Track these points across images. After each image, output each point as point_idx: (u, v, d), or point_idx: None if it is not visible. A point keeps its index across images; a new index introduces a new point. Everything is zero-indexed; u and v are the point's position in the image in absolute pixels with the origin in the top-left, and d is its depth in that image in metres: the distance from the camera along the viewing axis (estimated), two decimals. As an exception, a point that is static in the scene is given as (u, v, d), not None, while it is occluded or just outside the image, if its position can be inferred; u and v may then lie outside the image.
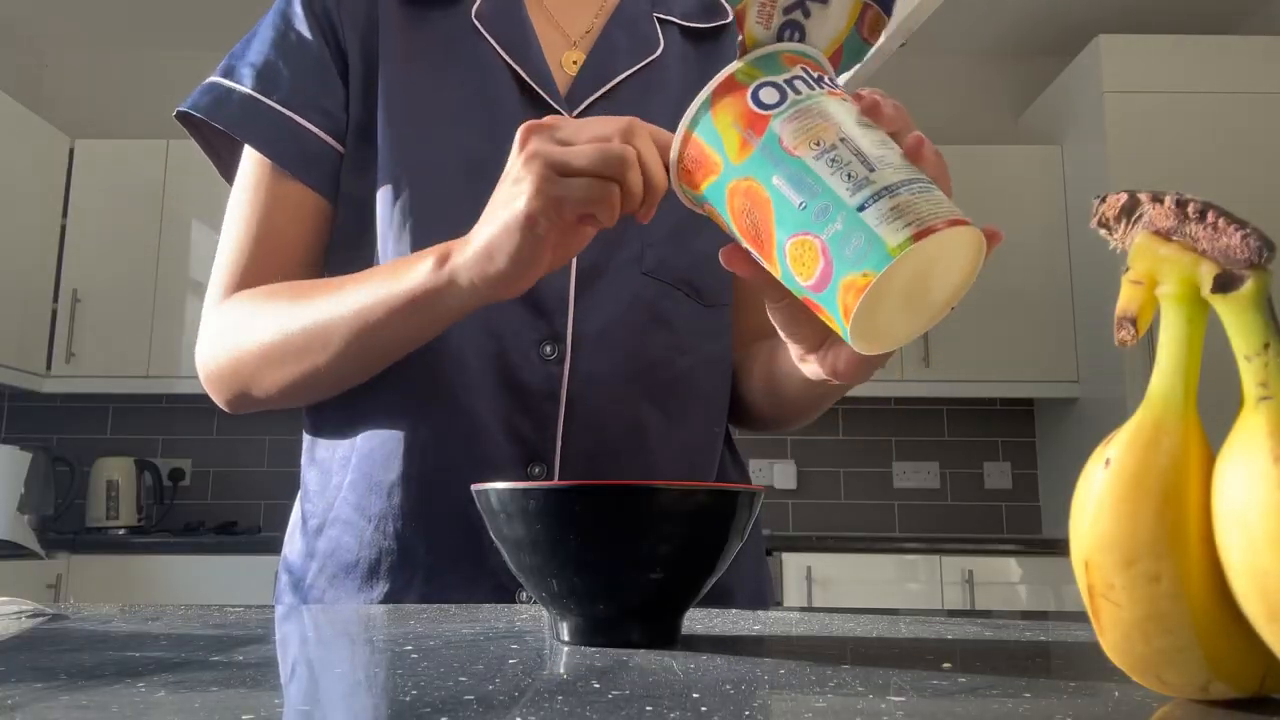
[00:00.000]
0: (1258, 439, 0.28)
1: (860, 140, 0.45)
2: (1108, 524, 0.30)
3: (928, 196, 0.43)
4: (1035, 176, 3.45)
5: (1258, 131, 3.11)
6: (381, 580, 0.72)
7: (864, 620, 0.55)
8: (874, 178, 0.43)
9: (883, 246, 0.42)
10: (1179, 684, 0.30)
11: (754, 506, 0.45)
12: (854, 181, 0.43)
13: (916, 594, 2.91)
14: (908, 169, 0.44)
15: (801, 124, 0.46)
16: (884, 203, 0.43)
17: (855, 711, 0.30)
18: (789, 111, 0.46)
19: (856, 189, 0.43)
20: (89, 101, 3.78)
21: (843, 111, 0.46)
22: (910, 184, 0.43)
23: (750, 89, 0.47)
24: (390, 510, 0.72)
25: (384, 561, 0.72)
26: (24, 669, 0.36)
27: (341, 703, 0.32)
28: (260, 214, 0.75)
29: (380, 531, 0.72)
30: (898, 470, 3.62)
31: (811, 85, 0.47)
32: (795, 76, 0.47)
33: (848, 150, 0.44)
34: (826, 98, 0.47)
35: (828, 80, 0.48)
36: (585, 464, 0.72)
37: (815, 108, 0.46)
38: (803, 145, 0.45)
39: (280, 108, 0.74)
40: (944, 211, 0.43)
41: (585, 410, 0.72)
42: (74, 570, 2.87)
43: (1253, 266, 0.29)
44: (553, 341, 0.72)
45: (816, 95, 0.46)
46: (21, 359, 3.18)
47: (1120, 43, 3.20)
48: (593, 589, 0.43)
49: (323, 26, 0.77)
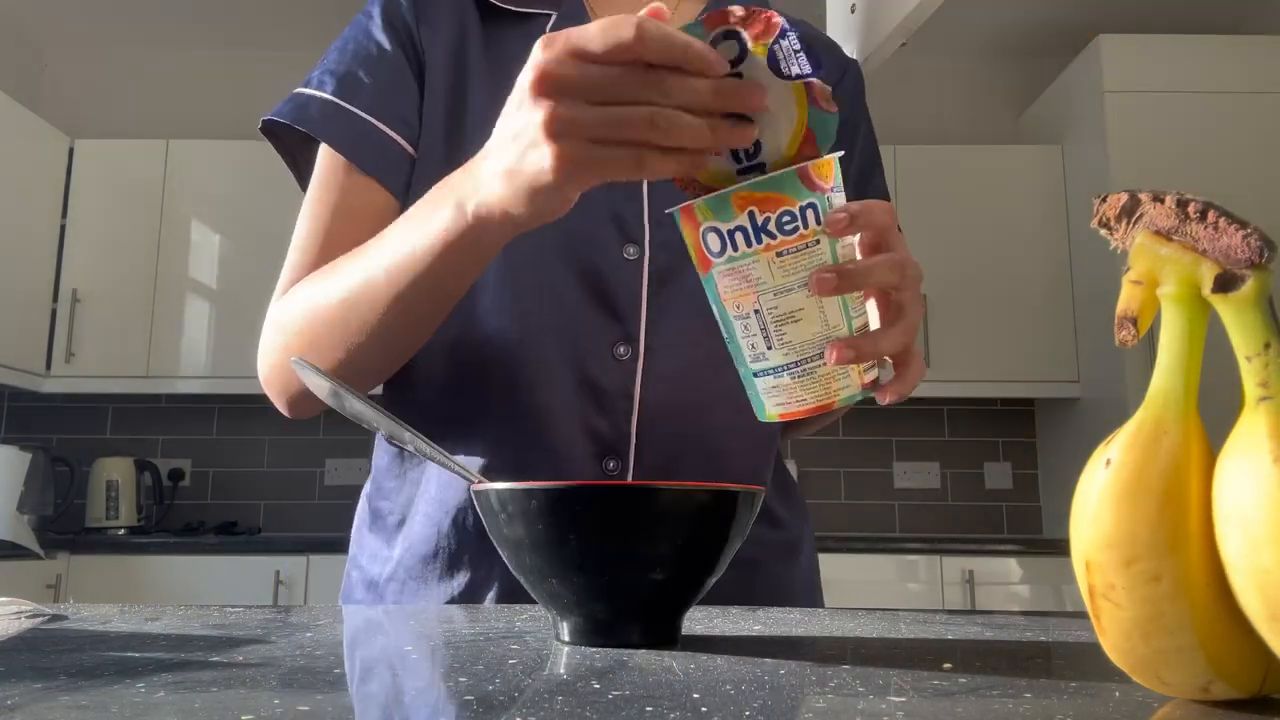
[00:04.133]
0: (1258, 439, 0.28)
1: (771, 314, 0.50)
2: (1108, 524, 0.30)
3: (805, 381, 0.51)
4: (1035, 176, 3.45)
5: (1258, 131, 3.11)
6: (462, 571, 0.74)
7: (864, 620, 0.55)
8: (769, 356, 0.51)
9: (763, 409, 0.53)
10: (1179, 684, 0.30)
11: (754, 506, 0.45)
12: (755, 352, 0.51)
13: (917, 594, 2.91)
14: (800, 349, 0.50)
15: (730, 283, 0.50)
16: (769, 380, 0.52)
17: (855, 711, 0.30)
18: (724, 266, 0.50)
19: (755, 359, 0.52)
20: (89, 101, 3.78)
21: (767, 276, 0.50)
22: (796, 366, 0.51)
23: (702, 228, 0.50)
24: (469, 502, 0.74)
25: (464, 553, 0.74)
26: (24, 669, 0.36)
27: (342, 703, 0.32)
28: (330, 214, 0.76)
29: (458, 524, 0.75)
30: (898, 470, 3.62)
31: (750, 240, 0.49)
32: (738, 228, 0.49)
33: (757, 323, 0.51)
34: (758, 258, 0.49)
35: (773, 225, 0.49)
36: (658, 460, 0.74)
37: (743, 270, 0.50)
38: (729, 302, 0.51)
39: (360, 113, 0.77)
40: (813, 397, 0.51)
41: (658, 408, 0.75)
42: (74, 570, 2.87)
43: (1253, 266, 0.29)
44: (626, 342, 0.75)
45: (749, 255, 0.49)
46: (21, 359, 3.18)
47: (1120, 43, 3.20)
48: (593, 589, 0.43)
49: (401, 38, 0.79)
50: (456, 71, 0.79)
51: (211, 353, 3.32)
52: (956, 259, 3.37)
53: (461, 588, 0.74)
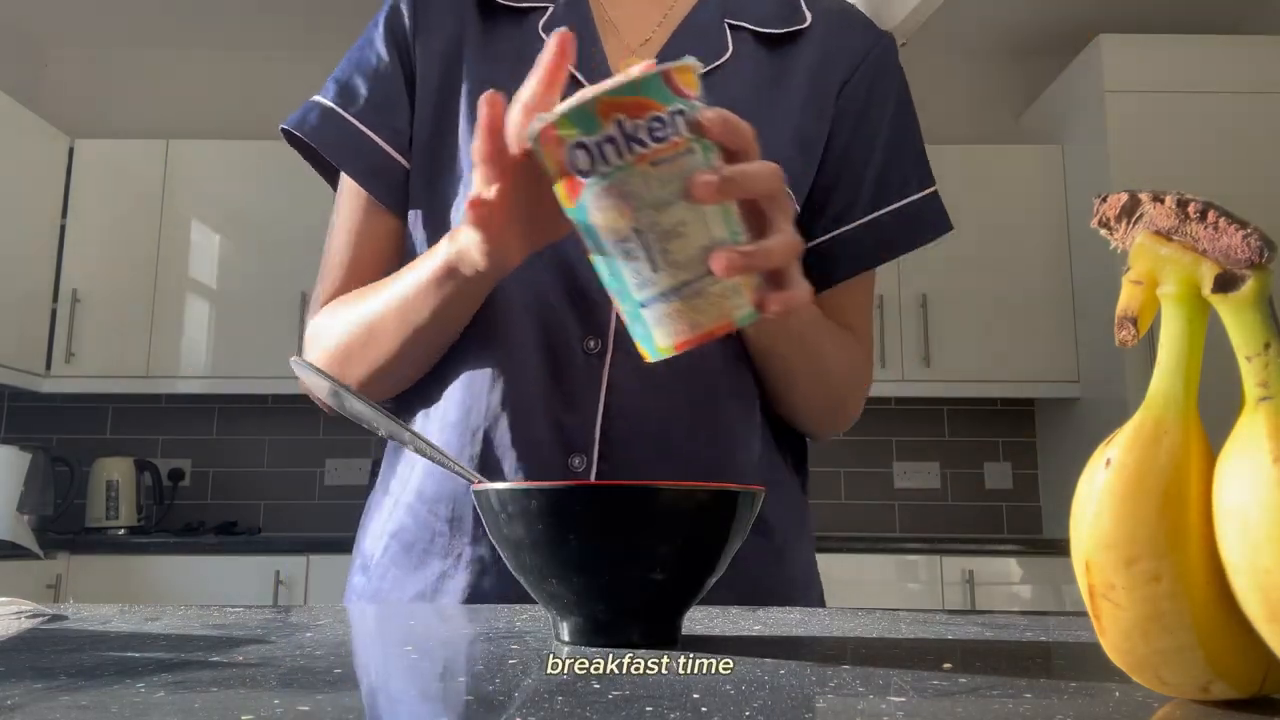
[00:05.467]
0: (1258, 439, 0.28)
1: (654, 232, 0.47)
2: (1108, 524, 0.30)
3: (698, 303, 0.48)
4: (1035, 176, 3.45)
5: (1258, 131, 3.11)
6: (435, 560, 0.75)
7: (864, 620, 0.55)
8: (656, 279, 0.47)
9: (653, 343, 0.49)
10: (1179, 684, 0.30)
11: (754, 506, 0.45)
12: (640, 279, 0.48)
13: (917, 594, 2.91)
14: (688, 265, 0.47)
15: (605, 204, 0.47)
16: (659, 307, 0.48)
17: (855, 711, 0.30)
18: (596, 186, 0.47)
19: (641, 286, 0.48)
20: (89, 101, 3.78)
21: (644, 188, 0.46)
22: (686, 287, 0.47)
23: (566, 146, 0.47)
24: (442, 494, 0.76)
25: (436, 543, 0.75)
26: (24, 669, 0.36)
27: (342, 703, 0.32)
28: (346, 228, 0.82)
29: (433, 514, 0.76)
30: (898, 470, 3.62)
31: (621, 151, 0.46)
32: (606, 139, 0.46)
33: (640, 245, 0.47)
34: (631, 170, 0.46)
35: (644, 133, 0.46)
36: (623, 458, 0.74)
37: (617, 186, 0.46)
38: (606, 229, 0.47)
39: (354, 120, 0.80)
40: (708, 320, 0.48)
41: (624, 405, 0.74)
42: (74, 570, 2.87)
43: (1253, 266, 0.29)
44: (596, 336, 0.74)
45: (622, 168, 0.46)
46: (21, 359, 3.18)
47: (1120, 43, 3.20)
48: (593, 589, 0.43)
49: (400, 48, 0.82)
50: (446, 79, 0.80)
51: (211, 353, 3.32)
52: (956, 259, 3.37)
53: (435, 578, 0.75)
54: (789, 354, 0.77)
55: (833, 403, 0.82)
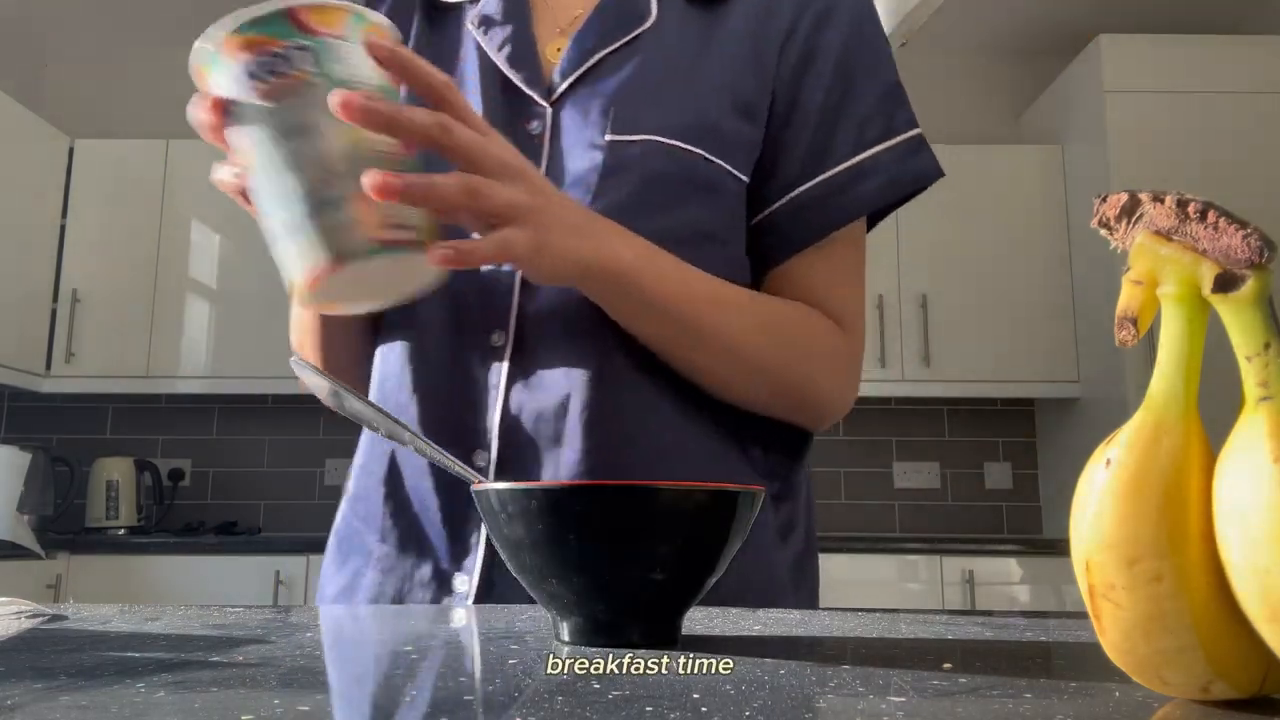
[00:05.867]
0: (1258, 439, 0.28)
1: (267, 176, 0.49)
2: (1109, 524, 0.30)
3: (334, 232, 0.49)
4: (1035, 176, 3.45)
5: (1258, 131, 3.11)
6: (355, 557, 0.76)
7: (864, 620, 0.55)
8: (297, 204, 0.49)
9: (293, 275, 0.51)
10: (1180, 684, 0.30)
11: (754, 506, 0.45)
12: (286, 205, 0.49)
13: (917, 594, 2.91)
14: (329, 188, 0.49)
15: (249, 134, 0.50)
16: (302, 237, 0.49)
17: (855, 712, 0.30)
18: (240, 116, 0.50)
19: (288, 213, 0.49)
20: (89, 101, 3.78)
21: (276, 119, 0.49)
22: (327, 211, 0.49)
23: (209, 81, 0.50)
24: (361, 492, 0.77)
25: (354, 540, 0.77)
26: (24, 669, 0.36)
27: (342, 703, 0.32)
28: None
29: (354, 512, 0.78)
30: (898, 470, 3.62)
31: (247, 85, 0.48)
32: (241, 73, 0.48)
33: (282, 172, 0.49)
34: (259, 105, 0.49)
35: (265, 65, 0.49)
36: (518, 464, 0.70)
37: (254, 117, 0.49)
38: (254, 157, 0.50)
39: None
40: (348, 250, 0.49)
41: (522, 406, 0.71)
42: (74, 570, 2.87)
43: (1253, 266, 0.29)
44: (500, 329, 0.72)
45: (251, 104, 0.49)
46: (21, 359, 3.18)
47: (1120, 43, 3.20)
48: (593, 589, 0.43)
49: None
50: None
51: (211, 353, 3.32)
52: (956, 259, 3.37)
53: (348, 577, 0.76)
54: (654, 331, 0.69)
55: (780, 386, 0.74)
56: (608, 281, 0.65)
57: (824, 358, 0.76)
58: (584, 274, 0.64)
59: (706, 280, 0.70)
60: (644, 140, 0.73)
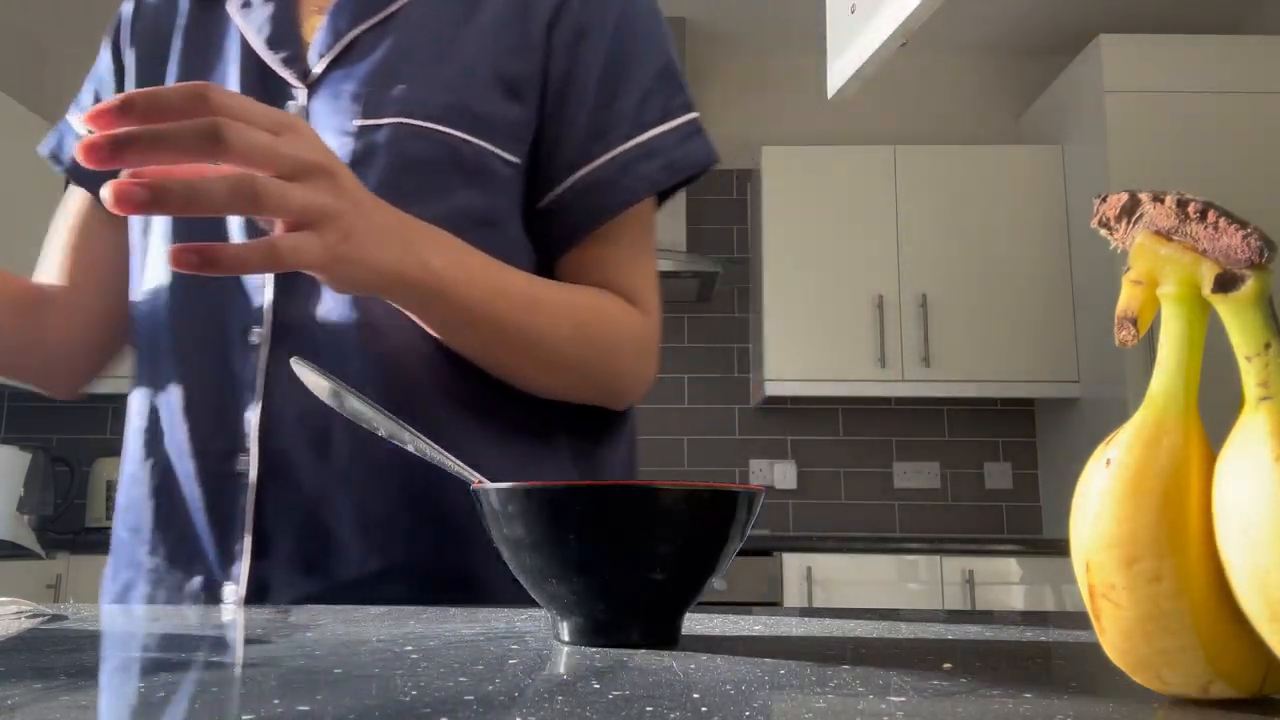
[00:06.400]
0: (1258, 439, 0.28)
1: None
2: (1109, 524, 0.30)
3: None
4: (1035, 176, 3.45)
5: (1258, 131, 3.11)
6: (124, 569, 0.74)
7: (864, 620, 0.55)
8: None
9: None
10: (1180, 684, 0.30)
11: (754, 506, 0.45)
12: None
13: (917, 594, 2.91)
14: None
15: None
16: None
17: (855, 712, 0.30)
18: None
19: None
20: (89, 101, 3.78)
21: None
22: None
23: None
24: (126, 503, 0.75)
25: (121, 552, 0.75)
26: (24, 669, 0.36)
27: (342, 703, 0.32)
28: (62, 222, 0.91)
29: (123, 523, 0.75)
30: (898, 470, 3.62)
31: None
32: None
33: None
34: None
35: None
36: (279, 471, 0.68)
37: None
38: None
39: (71, 121, 0.85)
40: None
41: (281, 410, 0.68)
42: (74, 570, 2.87)
43: (1253, 266, 0.29)
44: (257, 325, 0.70)
45: None
46: (21, 359, 3.18)
47: (1120, 43, 3.20)
48: (593, 589, 0.43)
49: (114, 50, 0.84)
50: (150, 75, 0.80)
51: (211, 353, 3.32)
52: (956, 259, 3.37)
53: (120, 590, 0.74)
54: (463, 338, 0.67)
55: (586, 380, 0.73)
56: (413, 293, 0.62)
57: (629, 346, 0.75)
58: (387, 285, 0.60)
59: (518, 281, 0.68)
60: (394, 124, 0.70)
